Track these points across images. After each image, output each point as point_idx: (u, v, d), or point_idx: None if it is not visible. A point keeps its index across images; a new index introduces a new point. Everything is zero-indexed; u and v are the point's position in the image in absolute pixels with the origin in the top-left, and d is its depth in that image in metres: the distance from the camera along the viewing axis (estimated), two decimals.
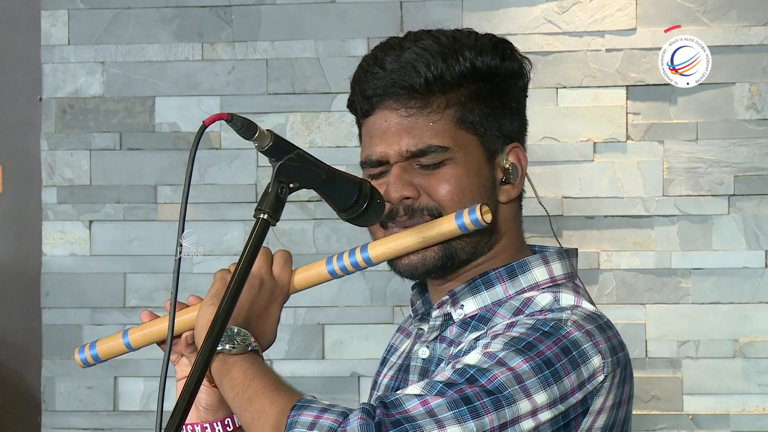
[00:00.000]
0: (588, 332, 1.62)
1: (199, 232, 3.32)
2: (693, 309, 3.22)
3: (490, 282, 1.73)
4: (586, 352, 1.60)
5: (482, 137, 1.72)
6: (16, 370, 3.46)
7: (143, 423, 3.36)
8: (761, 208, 3.21)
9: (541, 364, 1.57)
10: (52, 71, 3.40)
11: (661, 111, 3.23)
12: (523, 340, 1.59)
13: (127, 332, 1.77)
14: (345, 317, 3.32)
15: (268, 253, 1.73)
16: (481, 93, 1.72)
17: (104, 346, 1.78)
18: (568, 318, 1.63)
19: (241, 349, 1.62)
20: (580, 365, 1.59)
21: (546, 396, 1.56)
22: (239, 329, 1.64)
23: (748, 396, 3.20)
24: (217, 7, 3.36)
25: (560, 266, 1.75)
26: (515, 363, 1.56)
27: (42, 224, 3.40)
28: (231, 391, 1.61)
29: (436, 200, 1.69)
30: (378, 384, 1.85)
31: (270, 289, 1.70)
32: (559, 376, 1.57)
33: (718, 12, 3.22)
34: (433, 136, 1.69)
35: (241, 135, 1.49)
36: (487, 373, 1.55)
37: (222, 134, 3.35)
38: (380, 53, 1.72)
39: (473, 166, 1.71)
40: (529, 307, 1.68)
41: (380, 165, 1.72)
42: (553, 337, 1.60)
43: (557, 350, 1.58)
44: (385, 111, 1.71)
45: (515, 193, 1.76)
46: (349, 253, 1.72)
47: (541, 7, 3.26)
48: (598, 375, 1.61)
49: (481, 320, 1.71)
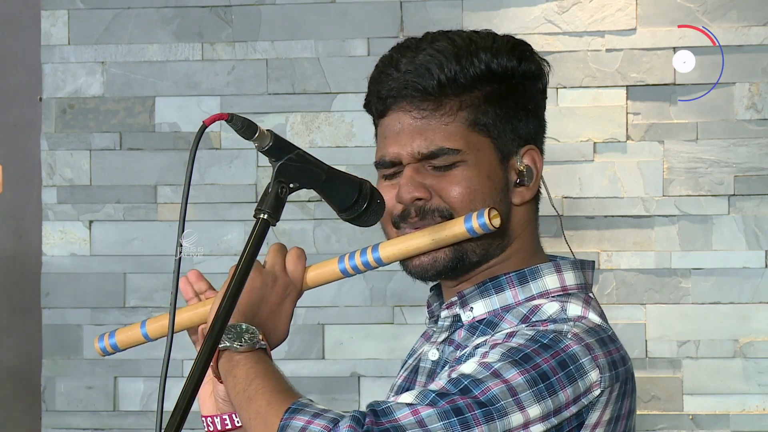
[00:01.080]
0: (588, 346, 1.61)
1: (199, 232, 3.32)
2: (693, 309, 3.22)
3: (500, 286, 1.72)
4: (583, 366, 1.59)
5: (495, 139, 1.72)
6: (16, 370, 3.46)
7: (143, 423, 3.36)
8: (761, 208, 3.21)
9: (536, 376, 1.56)
10: (52, 71, 3.40)
11: (661, 111, 3.23)
12: (520, 351, 1.58)
13: (145, 323, 1.78)
14: (345, 317, 3.32)
15: (283, 250, 1.73)
16: (495, 95, 1.71)
17: (123, 335, 1.79)
18: (569, 330, 1.62)
19: (248, 347, 1.62)
20: (577, 379, 1.58)
21: (539, 409, 1.55)
22: (248, 326, 1.63)
23: (748, 396, 3.20)
24: (217, 7, 3.36)
25: (573, 276, 1.73)
26: (510, 375, 1.55)
27: (42, 224, 3.40)
28: (233, 389, 1.61)
29: (448, 202, 1.69)
30: (393, 386, 1.85)
31: (283, 285, 1.70)
32: (554, 389, 1.56)
33: (718, 12, 3.22)
34: (445, 138, 1.69)
35: (241, 135, 1.49)
36: (481, 385, 1.54)
37: (222, 134, 3.35)
38: (396, 54, 1.71)
39: (485, 169, 1.70)
40: (535, 315, 1.67)
41: (393, 166, 1.72)
42: (551, 350, 1.58)
43: (554, 363, 1.57)
44: (399, 112, 1.71)
45: (529, 195, 1.75)
46: (360, 253, 1.72)
47: (541, 7, 3.26)
48: (595, 389, 1.60)
49: (489, 325, 1.70)
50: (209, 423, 1.73)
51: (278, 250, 1.72)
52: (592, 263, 1.78)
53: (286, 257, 1.72)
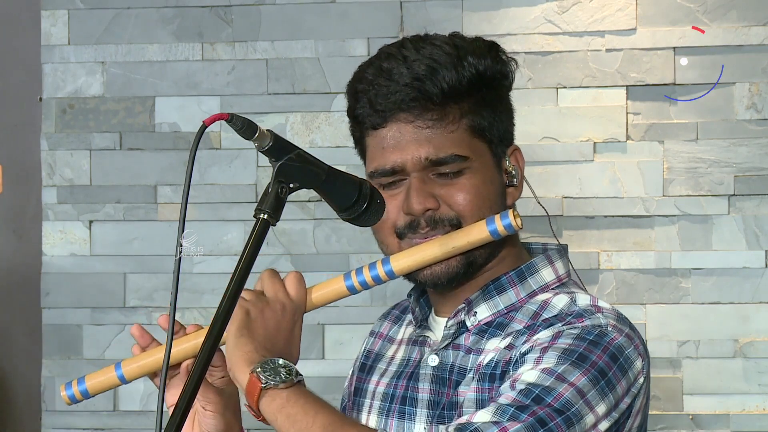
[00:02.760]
0: (628, 336, 1.65)
1: (199, 232, 3.32)
2: (693, 309, 3.22)
3: (502, 287, 1.73)
4: (630, 357, 1.63)
5: (491, 143, 1.73)
6: (16, 370, 3.46)
7: (143, 423, 3.36)
8: (761, 208, 3.20)
9: (597, 375, 1.59)
10: (52, 71, 3.40)
11: (661, 111, 3.23)
12: (574, 352, 1.60)
13: (119, 365, 1.73)
14: (345, 317, 3.32)
15: (276, 275, 1.72)
16: (487, 99, 1.72)
17: (94, 380, 1.74)
18: (607, 323, 1.65)
19: (290, 383, 1.62)
20: (627, 370, 1.62)
21: (605, 406, 1.58)
22: (283, 361, 1.63)
23: (748, 396, 3.20)
24: (217, 7, 3.36)
25: (562, 264, 1.77)
26: (574, 377, 1.57)
27: (42, 224, 3.40)
28: (292, 426, 1.59)
29: (456, 210, 1.70)
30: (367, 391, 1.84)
31: (291, 311, 1.70)
32: (612, 384, 1.60)
33: (718, 12, 3.22)
34: (454, 145, 1.69)
35: (241, 135, 1.49)
36: (553, 392, 1.56)
37: (222, 134, 3.35)
38: (385, 64, 1.71)
39: (488, 174, 1.72)
40: (546, 310, 1.69)
41: (394, 174, 1.71)
42: (601, 345, 1.61)
43: (607, 359, 1.60)
44: (400, 123, 1.71)
45: (518, 195, 1.77)
46: (369, 267, 1.71)
47: (541, 7, 3.26)
48: (640, 377, 1.64)
49: (499, 327, 1.71)
50: None
51: (272, 277, 1.71)
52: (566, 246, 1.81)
53: (286, 282, 1.71)
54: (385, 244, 1.74)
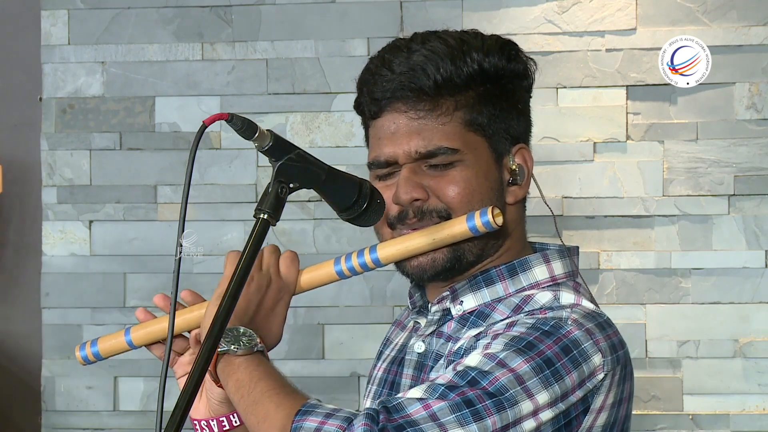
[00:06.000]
0: (588, 331, 1.63)
1: (199, 232, 3.32)
2: (693, 309, 3.22)
3: (490, 279, 1.73)
4: (586, 351, 1.61)
5: (490, 139, 1.72)
6: (16, 370, 3.46)
7: (143, 423, 3.36)
8: (761, 208, 3.21)
9: (541, 363, 1.57)
10: (52, 71, 3.40)
11: (661, 111, 3.23)
12: (523, 340, 1.59)
13: (129, 330, 1.77)
14: (345, 317, 3.32)
15: (277, 252, 1.74)
16: (488, 94, 1.72)
17: (106, 343, 1.78)
18: (568, 317, 1.63)
19: (247, 350, 1.63)
20: (581, 364, 1.60)
21: (547, 395, 1.57)
22: (245, 329, 1.64)
23: (748, 396, 3.20)
24: (217, 7, 3.36)
25: (561, 265, 1.75)
26: (516, 364, 1.56)
27: (42, 224, 3.40)
28: (236, 392, 1.61)
29: (445, 202, 1.70)
30: (373, 377, 1.86)
31: (277, 288, 1.71)
32: (560, 375, 1.58)
33: (718, 12, 3.22)
34: (444, 137, 1.69)
35: (241, 135, 1.49)
36: (489, 375, 1.55)
37: (222, 134, 3.35)
38: (388, 55, 1.72)
39: (482, 168, 1.71)
40: (528, 304, 1.69)
41: (388, 166, 1.72)
42: (554, 336, 1.60)
43: (557, 349, 1.59)
44: (394, 113, 1.71)
45: (522, 194, 1.76)
46: (357, 254, 1.72)
47: (541, 7, 3.26)
48: (598, 373, 1.62)
49: (480, 316, 1.71)
50: (203, 426, 1.72)
51: (272, 252, 1.73)
52: (577, 249, 1.80)
53: (280, 260, 1.73)
54: (380, 234, 1.76)
